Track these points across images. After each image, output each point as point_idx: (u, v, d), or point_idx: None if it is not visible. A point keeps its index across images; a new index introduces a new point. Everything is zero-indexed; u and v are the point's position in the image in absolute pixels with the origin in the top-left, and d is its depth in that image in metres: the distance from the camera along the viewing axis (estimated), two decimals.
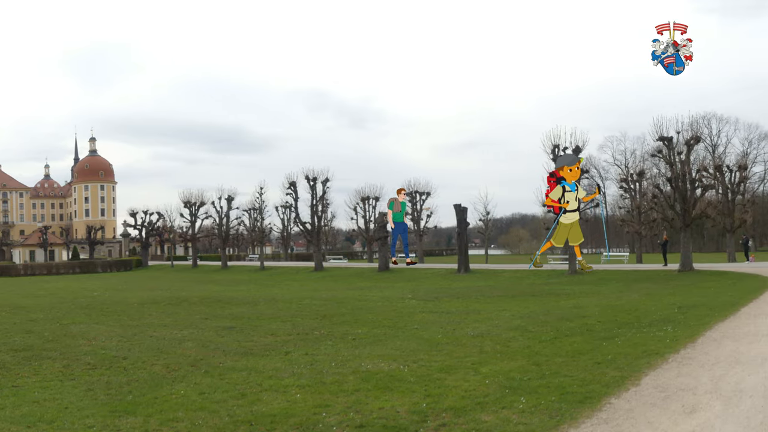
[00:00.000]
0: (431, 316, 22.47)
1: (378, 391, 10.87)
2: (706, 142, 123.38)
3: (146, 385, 12.04)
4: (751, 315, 19.21)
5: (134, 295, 35.58)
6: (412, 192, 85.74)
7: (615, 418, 8.91)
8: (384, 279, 52.27)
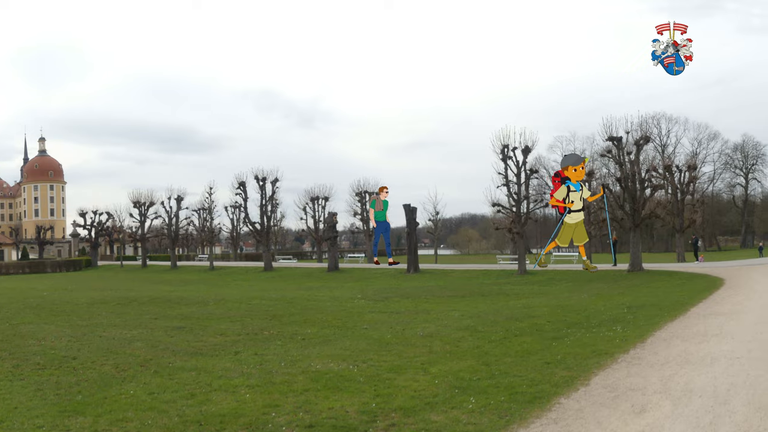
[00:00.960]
0: (381, 316, 22.49)
1: (327, 391, 10.86)
2: (656, 142, 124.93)
3: (96, 385, 11.92)
4: (701, 315, 19.46)
5: (84, 295, 35.15)
6: (361, 192, 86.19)
7: (564, 418, 8.99)
8: (333, 279, 52.25)
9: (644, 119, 53.43)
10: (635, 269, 43.47)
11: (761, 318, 18.13)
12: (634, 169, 44.23)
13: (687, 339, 15.11)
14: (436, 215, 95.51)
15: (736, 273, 38.08)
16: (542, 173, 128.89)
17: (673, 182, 61.87)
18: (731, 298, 23.87)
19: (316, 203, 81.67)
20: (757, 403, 9.27)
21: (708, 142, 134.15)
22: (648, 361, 12.71)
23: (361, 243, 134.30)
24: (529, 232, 79.94)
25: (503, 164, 46.69)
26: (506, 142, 46.39)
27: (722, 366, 11.93)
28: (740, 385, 10.32)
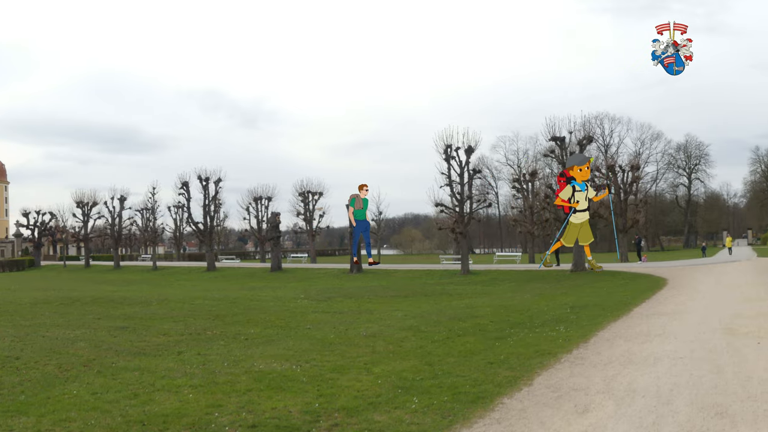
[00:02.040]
0: (324, 316, 22.46)
1: (270, 391, 10.82)
2: (599, 142, 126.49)
3: (39, 385, 11.75)
4: (644, 315, 19.68)
5: (27, 295, 34.59)
6: (304, 192, 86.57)
7: (508, 417, 9.02)
8: (276, 279, 52.17)
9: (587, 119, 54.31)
10: (578, 269, 43.94)
11: (704, 318, 18.38)
12: None
13: (630, 339, 15.27)
14: (380, 215, 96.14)
15: (679, 273, 38.65)
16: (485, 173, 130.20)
17: (616, 182, 62.58)
18: (674, 298, 24.18)
19: (259, 203, 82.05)
20: (700, 403, 9.38)
21: (651, 142, 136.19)
22: (591, 361, 12.81)
23: (304, 243, 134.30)
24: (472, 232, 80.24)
25: (446, 164, 46.91)
26: (449, 142, 46.63)
27: (665, 366, 12.06)
28: (683, 385, 10.44)
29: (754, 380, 10.53)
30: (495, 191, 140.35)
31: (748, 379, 10.67)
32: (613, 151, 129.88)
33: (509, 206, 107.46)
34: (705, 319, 18.09)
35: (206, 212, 69.19)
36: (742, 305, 20.79)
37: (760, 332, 15.28)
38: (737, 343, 14.02)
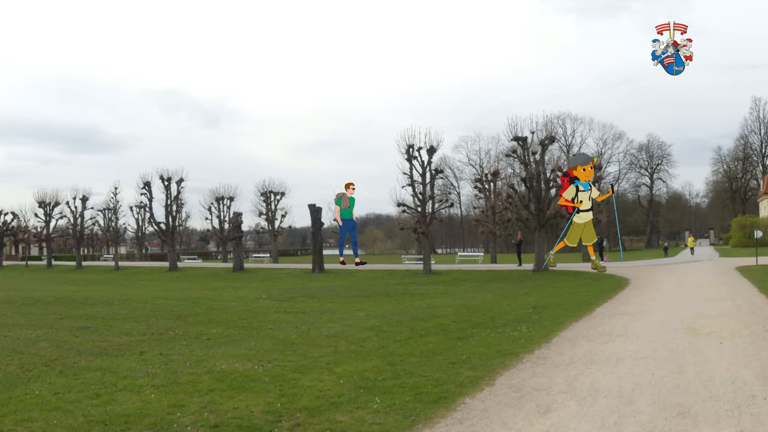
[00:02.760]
0: (286, 316, 22.39)
1: (232, 391, 10.78)
2: (561, 142, 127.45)
3: (0, 385, 11.61)
4: (606, 315, 19.80)
5: None
6: (266, 192, 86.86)
7: (469, 418, 9.02)
8: (238, 279, 52.00)
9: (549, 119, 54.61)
10: (540, 269, 44.08)
11: (666, 318, 18.52)
12: (539, 169, 44.86)
13: (592, 339, 15.35)
14: None
15: (642, 273, 38.95)
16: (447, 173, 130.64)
17: None
18: (636, 298, 24.36)
19: (221, 203, 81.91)
20: (662, 403, 9.43)
21: (613, 142, 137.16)
22: (553, 361, 12.86)
23: (266, 243, 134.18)
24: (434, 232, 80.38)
25: (408, 164, 46.89)
26: (411, 142, 46.61)
27: (627, 366, 12.13)
28: (645, 385, 10.50)
29: (716, 380, 10.61)
30: (457, 191, 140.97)
31: (710, 379, 10.75)
32: (576, 151, 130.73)
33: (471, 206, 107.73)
34: (667, 319, 18.22)
35: (168, 212, 68.87)
36: (704, 305, 20.98)
37: (722, 332, 15.43)
38: (699, 343, 14.13)
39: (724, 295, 24.05)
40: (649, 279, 34.34)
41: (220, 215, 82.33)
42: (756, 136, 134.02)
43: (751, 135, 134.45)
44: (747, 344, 13.80)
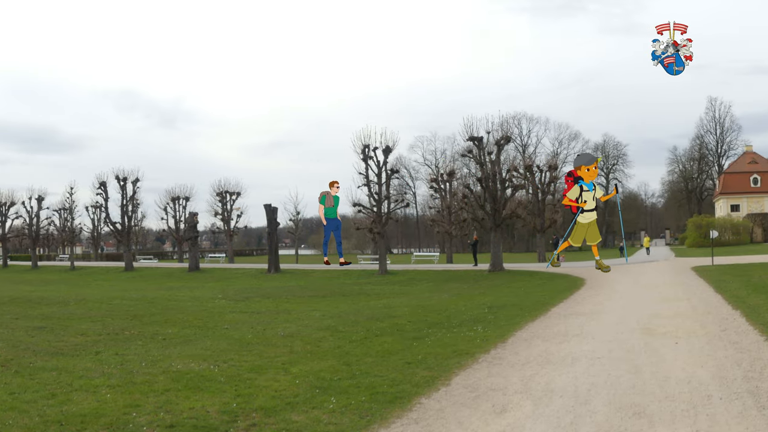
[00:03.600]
0: (241, 316, 22.32)
1: (188, 391, 10.73)
2: (517, 142, 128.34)
3: None
4: (561, 315, 19.92)
5: None
6: (222, 192, 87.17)
7: (425, 417, 9.04)
8: (194, 279, 51.87)
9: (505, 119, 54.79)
10: (496, 269, 44.32)
11: (622, 318, 18.67)
12: (494, 169, 45.11)
13: (548, 339, 15.43)
14: (297, 215, 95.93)
15: (597, 273, 39.08)
16: (403, 173, 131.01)
17: (533, 182, 63.19)
18: (592, 299, 24.54)
19: (177, 203, 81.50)
20: (617, 403, 9.49)
21: (569, 142, 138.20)
22: (509, 361, 12.90)
23: (221, 243, 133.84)
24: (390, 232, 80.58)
25: (364, 164, 46.94)
26: (367, 142, 46.63)
27: (583, 366, 12.21)
28: (601, 385, 10.57)
29: (671, 380, 10.70)
30: (413, 191, 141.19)
31: (666, 379, 10.83)
32: (531, 151, 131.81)
33: (427, 206, 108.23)
34: (623, 319, 18.38)
35: (124, 212, 68.56)
36: (660, 305, 21.17)
37: (678, 332, 15.58)
38: (655, 343, 14.26)
39: (680, 295, 24.29)
40: (604, 279, 34.56)
41: (175, 215, 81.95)
42: (712, 136, 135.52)
43: (707, 135, 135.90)
44: (703, 344, 13.94)
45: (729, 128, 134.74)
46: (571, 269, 43.39)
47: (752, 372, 10.97)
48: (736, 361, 12.01)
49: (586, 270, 41.92)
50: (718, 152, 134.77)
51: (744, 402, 9.23)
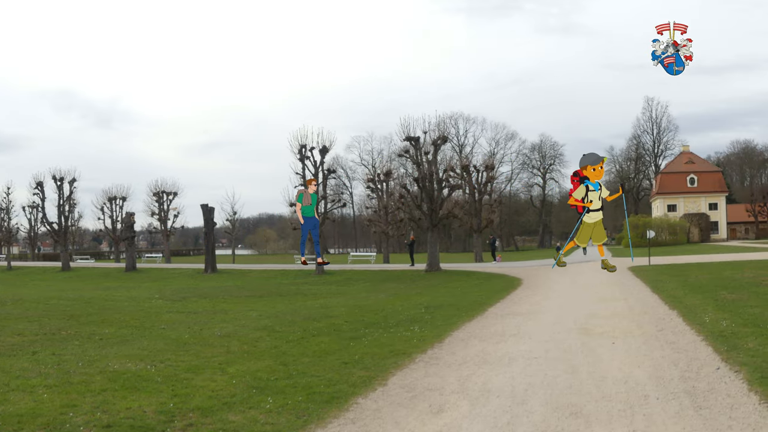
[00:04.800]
0: (178, 316, 22.15)
1: (125, 391, 10.63)
2: (453, 142, 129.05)
3: None
4: (498, 315, 20.02)
5: None
6: (159, 192, 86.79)
7: (362, 417, 9.04)
8: (131, 279, 51.38)
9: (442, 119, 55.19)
10: (433, 269, 44.46)
11: (559, 318, 18.82)
12: (431, 169, 45.25)
13: (485, 339, 15.49)
14: (234, 215, 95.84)
15: (534, 273, 39.54)
16: (340, 173, 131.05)
17: (470, 182, 63.58)
18: (529, 298, 24.70)
19: (113, 203, 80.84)
20: (554, 403, 9.56)
21: (505, 142, 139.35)
22: (446, 361, 12.94)
23: (158, 243, 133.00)
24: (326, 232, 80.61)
25: (301, 164, 47.02)
26: (304, 142, 46.82)
27: (520, 366, 12.28)
28: (538, 385, 10.64)
29: (608, 380, 10.82)
30: (349, 191, 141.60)
31: (603, 379, 10.95)
32: (468, 151, 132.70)
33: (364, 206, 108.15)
34: (560, 319, 18.53)
35: (61, 212, 67.89)
36: (597, 305, 21.38)
37: (615, 332, 15.74)
38: (592, 343, 14.40)
39: (617, 295, 24.56)
40: (541, 279, 34.89)
41: (112, 215, 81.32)
42: (648, 136, 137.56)
43: (643, 135, 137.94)
44: (639, 344, 14.10)
45: (666, 128, 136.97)
46: (508, 269, 43.71)
47: (689, 372, 11.11)
48: (672, 361, 12.16)
49: (523, 270, 42.30)
50: (655, 152, 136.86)
51: (681, 402, 9.34)
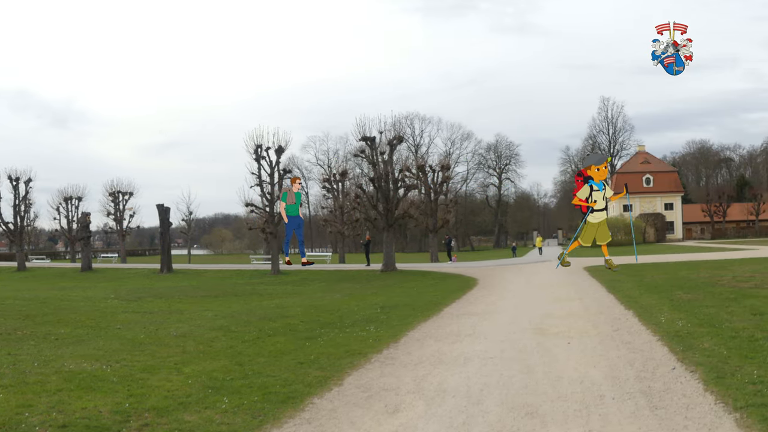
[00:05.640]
0: (134, 316, 21.99)
1: (81, 391, 10.55)
2: (409, 142, 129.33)
3: None
4: (454, 315, 20.07)
5: None
6: (114, 192, 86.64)
7: (318, 418, 9.04)
8: (87, 279, 51.03)
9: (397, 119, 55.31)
10: (388, 269, 44.56)
11: (515, 318, 18.89)
12: (387, 169, 45.35)
13: (440, 339, 15.53)
14: (190, 215, 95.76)
15: (490, 273, 39.70)
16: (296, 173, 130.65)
17: (426, 182, 63.69)
18: (485, 298, 24.80)
19: (69, 203, 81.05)
20: (510, 403, 9.59)
21: (461, 142, 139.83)
22: (401, 361, 12.96)
23: (114, 243, 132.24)
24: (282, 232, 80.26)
25: (256, 164, 46.90)
26: (259, 142, 46.64)
27: (475, 366, 12.31)
28: (493, 385, 10.67)
29: (564, 380, 10.86)
30: (305, 191, 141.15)
31: (558, 379, 10.99)
32: (424, 151, 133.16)
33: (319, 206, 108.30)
34: (515, 319, 18.60)
35: (16, 212, 67.65)
36: (553, 305, 21.50)
37: (570, 332, 15.82)
38: (547, 343, 14.46)
39: (573, 295, 24.71)
40: (497, 279, 35.05)
41: (68, 215, 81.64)
42: (604, 136, 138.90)
43: (599, 135, 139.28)
44: (595, 344, 14.18)
45: (621, 128, 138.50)
46: (464, 269, 43.84)
47: (645, 372, 11.18)
48: (628, 361, 12.23)
49: (478, 270, 42.44)
50: (611, 152, 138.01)
51: (636, 402, 9.40)
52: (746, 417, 8.20)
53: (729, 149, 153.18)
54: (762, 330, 13.90)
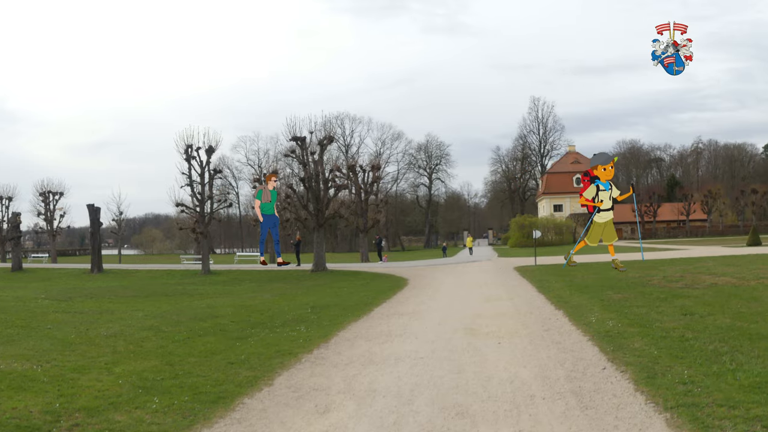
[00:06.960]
0: (64, 316, 21.71)
1: (11, 391, 10.45)
2: (340, 142, 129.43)
3: None
4: (384, 315, 20.10)
5: None
6: (45, 192, 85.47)
7: (248, 418, 9.02)
8: (17, 279, 50.21)
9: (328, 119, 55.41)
10: (319, 269, 44.60)
11: (445, 318, 18.95)
12: (318, 169, 45.45)
13: (371, 339, 15.54)
14: (120, 215, 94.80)
15: (420, 273, 39.85)
16: (226, 173, 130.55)
17: (356, 182, 63.77)
18: (415, 298, 24.88)
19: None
20: (440, 402, 9.62)
21: (392, 142, 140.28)
22: (332, 361, 12.95)
23: (45, 243, 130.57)
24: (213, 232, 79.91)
25: (187, 164, 46.69)
26: (190, 142, 46.46)
27: (406, 366, 12.33)
28: (424, 385, 10.69)
29: (494, 380, 10.91)
30: (236, 191, 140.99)
31: (489, 379, 11.04)
32: (354, 151, 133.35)
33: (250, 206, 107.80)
34: (446, 319, 18.66)
35: None
36: (483, 305, 21.61)
37: (501, 332, 15.90)
38: (478, 343, 14.52)
39: (503, 295, 24.85)
40: (427, 279, 35.17)
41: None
42: (535, 136, 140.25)
43: (530, 135, 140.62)
44: (525, 344, 14.27)
45: (552, 128, 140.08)
46: (394, 269, 43.95)
47: (575, 372, 11.27)
48: (559, 361, 12.32)
49: (408, 270, 42.59)
50: (541, 152, 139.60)
51: (567, 402, 9.47)
52: (676, 417, 8.29)
53: (659, 149, 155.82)
54: (692, 330, 14.08)
